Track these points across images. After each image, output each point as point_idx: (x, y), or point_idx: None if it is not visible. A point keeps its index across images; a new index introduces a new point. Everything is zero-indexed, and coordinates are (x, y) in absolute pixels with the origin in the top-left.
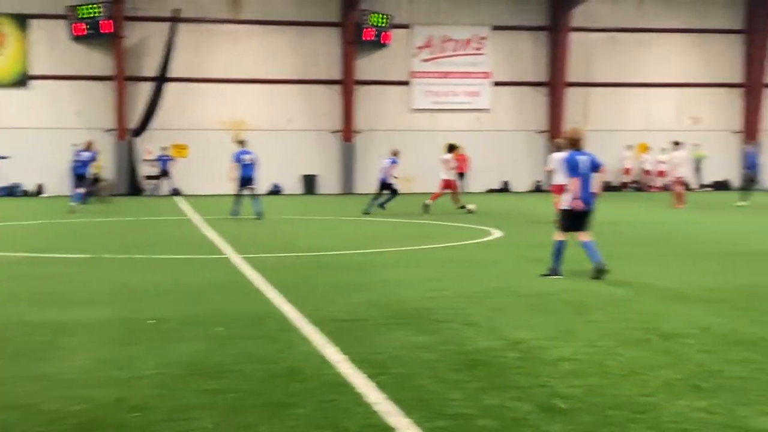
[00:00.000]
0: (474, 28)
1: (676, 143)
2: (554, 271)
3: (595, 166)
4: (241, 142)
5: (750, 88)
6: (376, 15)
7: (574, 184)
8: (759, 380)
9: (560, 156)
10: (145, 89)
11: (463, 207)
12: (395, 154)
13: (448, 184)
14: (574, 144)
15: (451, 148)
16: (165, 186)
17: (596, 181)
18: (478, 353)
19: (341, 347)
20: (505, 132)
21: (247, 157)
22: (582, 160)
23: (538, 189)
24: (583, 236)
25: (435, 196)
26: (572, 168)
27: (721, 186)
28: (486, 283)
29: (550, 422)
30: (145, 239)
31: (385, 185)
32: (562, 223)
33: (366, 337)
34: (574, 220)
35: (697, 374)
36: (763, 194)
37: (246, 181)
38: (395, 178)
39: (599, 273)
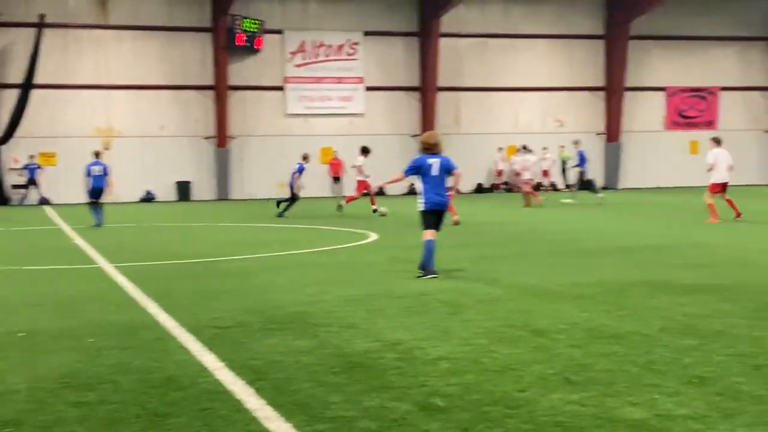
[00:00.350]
0: (346, 33)
1: (525, 147)
2: (429, 271)
3: (448, 169)
4: (97, 154)
5: (611, 91)
6: (247, 20)
7: (396, 177)
8: (626, 372)
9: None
10: (11, 96)
11: (339, 208)
12: (305, 158)
13: (363, 186)
14: (429, 148)
15: (365, 151)
16: (33, 195)
17: (452, 184)
18: (356, 356)
19: (219, 354)
20: (379, 136)
21: (96, 168)
22: (433, 162)
23: (411, 192)
24: (433, 235)
25: (352, 199)
26: (421, 169)
27: (586, 186)
28: (363, 285)
29: (429, 421)
30: (14, 250)
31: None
32: (423, 223)
33: (244, 344)
34: (433, 219)
35: (568, 368)
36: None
37: (95, 192)
38: (302, 187)
39: (432, 275)
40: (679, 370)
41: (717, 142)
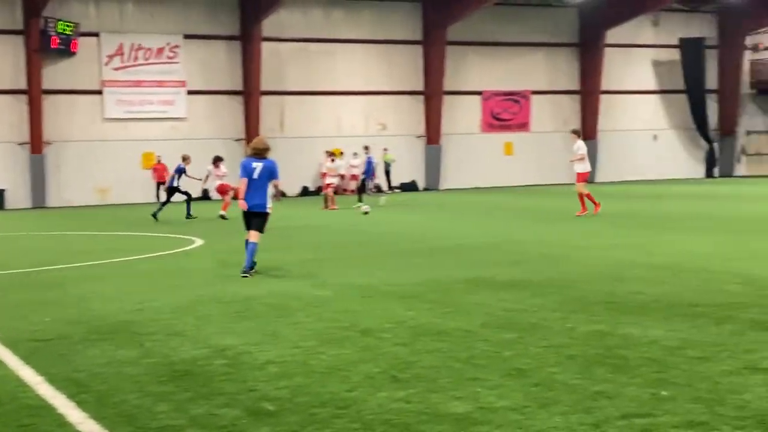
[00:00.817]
0: (166, 36)
1: (328, 153)
2: (246, 270)
3: (271, 176)
4: None
5: (430, 95)
6: (62, 22)
7: (241, 185)
8: (449, 368)
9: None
10: None
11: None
12: (184, 159)
13: (224, 189)
14: (258, 153)
15: (217, 160)
16: None
17: (271, 190)
18: (184, 363)
19: (38, 368)
20: (202, 140)
21: None
22: (257, 166)
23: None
24: (252, 236)
25: (226, 206)
26: (245, 172)
27: (409, 187)
28: (190, 292)
29: (259, 426)
30: None
31: (173, 190)
32: (245, 222)
33: (65, 356)
34: (246, 220)
35: (394, 366)
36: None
37: None
38: (197, 179)
39: (245, 273)
40: (500, 364)
41: (578, 134)
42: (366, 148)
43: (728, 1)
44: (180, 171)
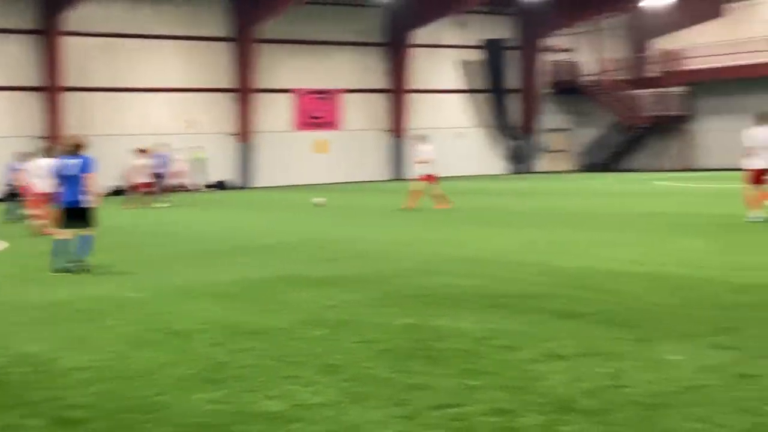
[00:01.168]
0: None
1: (142, 150)
2: (64, 269)
3: (84, 171)
4: None
5: (242, 93)
6: None
7: (58, 187)
8: (263, 367)
9: (49, 162)
10: None
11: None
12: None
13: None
14: (71, 150)
15: (22, 157)
16: None
17: (87, 183)
18: None
19: None
20: (2, 139)
21: None
22: (70, 163)
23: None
24: (67, 234)
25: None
26: (58, 175)
27: (221, 185)
28: None
29: None
30: None
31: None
32: (61, 221)
33: None
34: (69, 218)
35: (208, 367)
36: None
37: None
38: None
39: (78, 266)
40: (313, 360)
41: (421, 138)
42: (164, 145)
43: (528, 4)
44: (14, 170)
